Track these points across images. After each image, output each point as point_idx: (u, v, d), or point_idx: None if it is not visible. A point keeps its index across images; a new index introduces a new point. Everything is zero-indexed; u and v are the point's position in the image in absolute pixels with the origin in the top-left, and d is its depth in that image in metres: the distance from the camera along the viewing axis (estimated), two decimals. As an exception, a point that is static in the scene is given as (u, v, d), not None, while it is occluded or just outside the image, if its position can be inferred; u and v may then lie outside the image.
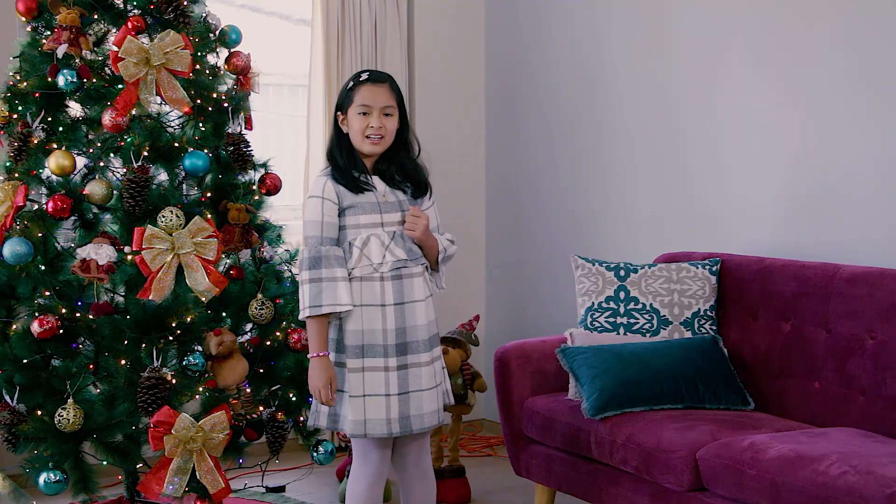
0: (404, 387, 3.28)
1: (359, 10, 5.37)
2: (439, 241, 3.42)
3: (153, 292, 3.63)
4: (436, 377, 3.37)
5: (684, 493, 3.46)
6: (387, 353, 3.28)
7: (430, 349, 3.35)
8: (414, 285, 3.33)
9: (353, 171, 3.33)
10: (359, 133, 3.31)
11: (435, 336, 3.40)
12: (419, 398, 3.30)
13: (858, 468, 3.02)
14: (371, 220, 3.30)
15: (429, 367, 3.33)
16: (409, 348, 3.30)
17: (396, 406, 3.27)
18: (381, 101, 3.31)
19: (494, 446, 5.44)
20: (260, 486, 4.60)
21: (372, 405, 3.27)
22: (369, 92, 3.31)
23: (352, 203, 3.30)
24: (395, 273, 3.30)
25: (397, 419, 3.27)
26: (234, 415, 3.76)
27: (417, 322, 3.31)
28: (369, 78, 3.34)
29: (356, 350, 3.28)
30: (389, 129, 3.33)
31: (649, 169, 4.87)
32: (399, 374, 3.28)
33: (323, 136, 5.30)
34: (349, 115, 3.33)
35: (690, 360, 3.85)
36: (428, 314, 3.36)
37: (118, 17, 3.88)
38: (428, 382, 3.32)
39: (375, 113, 3.30)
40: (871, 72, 3.96)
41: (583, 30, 5.19)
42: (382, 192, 3.35)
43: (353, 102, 3.32)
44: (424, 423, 3.31)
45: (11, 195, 3.78)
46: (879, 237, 3.93)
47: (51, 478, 3.61)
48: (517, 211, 5.62)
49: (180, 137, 3.90)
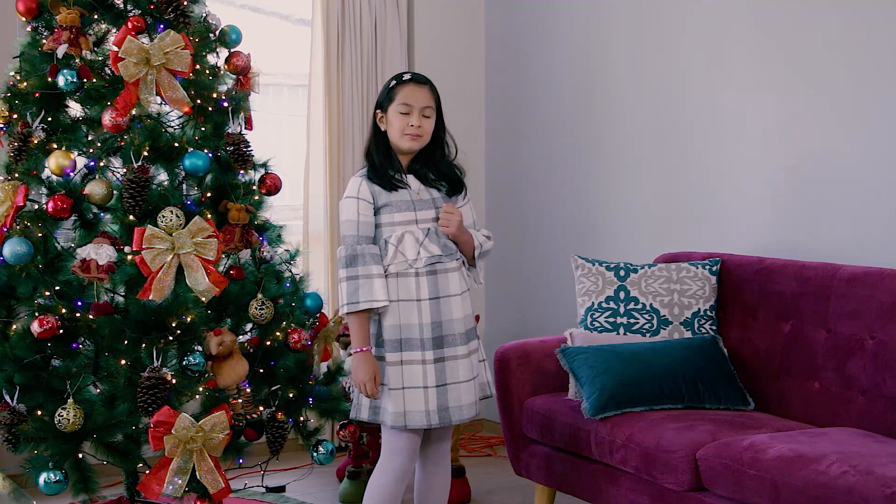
0: (442, 379, 3.37)
1: (359, 10, 5.37)
2: (475, 237, 3.49)
3: (153, 292, 3.63)
4: (473, 369, 3.45)
5: (684, 493, 3.46)
6: (423, 346, 3.36)
7: (468, 342, 3.43)
8: (449, 280, 3.41)
9: (388, 170, 3.41)
10: (398, 130, 3.39)
11: (472, 329, 3.48)
12: (457, 390, 3.39)
13: (858, 468, 3.02)
14: (405, 217, 3.39)
15: (466, 359, 3.41)
16: (445, 341, 3.38)
17: (435, 398, 3.36)
18: (422, 102, 3.40)
19: (494, 446, 5.44)
20: (260, 486, 4.60)
21: (411, 397, 3.36)
22: (411, 91, 3.41)
23: (386, 202, 3.39)
24: (429, 269, 3.38)
25: (436, 411, 3.36)
26: (234, 415, 3.75)
27: (454, 316, 3.40)
28: (412, 78, 3.44)
29: (394, 344, 3.37)
30: (427, 129, 3.42)
31: (649, 169, 4.87)
32: (436, 367, 3.36)
33: (323, 135, 5.31)
34: (389, 114, 3.41)
35: (690, 360, 3.85)
36: (464, 308, 3.44)
37: (118, 17, 3.88)
38: (465, 374, 3.40)
39: (416, 112, 3.39)
40: (872, 72, 3.96)
41: (583, 30, 5.19)
42: (416, 191, 3.43)
43: (393, 101, 3.40)
44: (463, 415, 3.41)
45: (11, 195, 3.78)
46: (879, 237, 3.93)
47: (51, 478, 3.61)
48: (517, 211, 5.62)
49: (180, 137, 3.90)
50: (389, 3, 5.46)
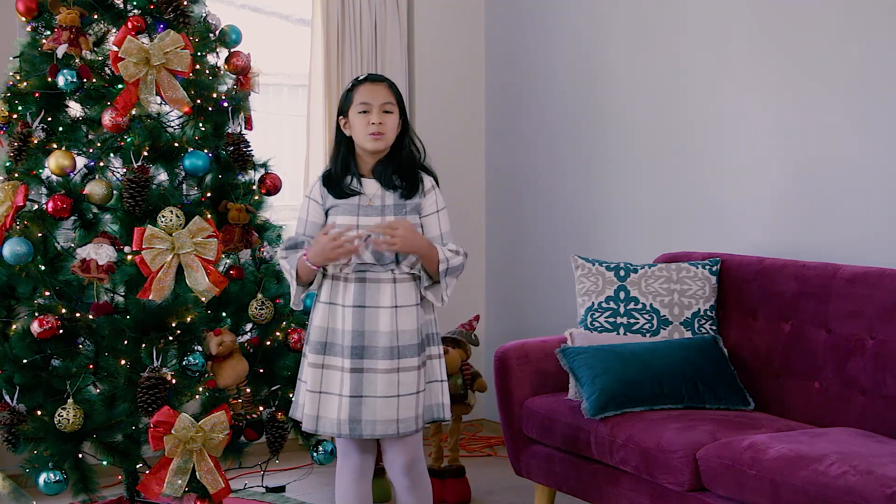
0: (357, 391, 3.26)
1: (359, 10, 5.37)
2: (440, 250, 3.33)
3: (153, 292, 3.63)
4: (399, 387, 3.26)
5: (684, 493, 3.46)
6: (343, 353, 3.29)
7: (392, 357, 3.27)
8: (380, 290, 3.29)
9: (342, 179, 3.37)
10: (361, 131, 3.33)
11: (410, 346, 3.29)
12: (372, 404, 3.26)
13: (858, 468, 3.02)
14: (347, 221, 3.32)
15: (387, 375, 3.26)
16: (365, 352, 3.27)
17: (347, 408, 3.27)
18: (380, 98, 3.34)
19: (494, 446, 5.44)
20: (260, 486, 4.60)
21: (326, 403, 3.30)
22: (368, 90, 3.36)
23: (334, 204, 3.37)
24: (358, 276, 3.30)
25: (347, 421, 3.27)
26: (234, 415, 3.76)
27: (379, 328, 3.27)
28: (367, 78, 3.40)
29: (318, 346, 3.32)
30: (389, 125, 3.34)
31: (649, 169, 4.87)
32: (353, 377, 3.27)
33: (323, 135, 5.31)
34: (350, 117, 3.36)
35: (690, 360, 3.85)
36: (400, 323, 3.29)
37: (118, 17, 3.88)
38: (384, 390, 3.26)
39: (375, 110, 3.33)
40: (872, 72, 3.96)
41: (583, 29, 5.19)
42: (370, 196, 3.35)
43: (353, 102, 3.36)
44: (376, 431, 3.27)
45: (11, 195, 3.78)
46: (879, 237, 3.93)
47: (51, 478, 3.61)
48: (517, 211, 5.62)
49: (180, 137, 3.90)
50: (389, 3, 5.46)
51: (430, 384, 3.39)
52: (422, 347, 3.34)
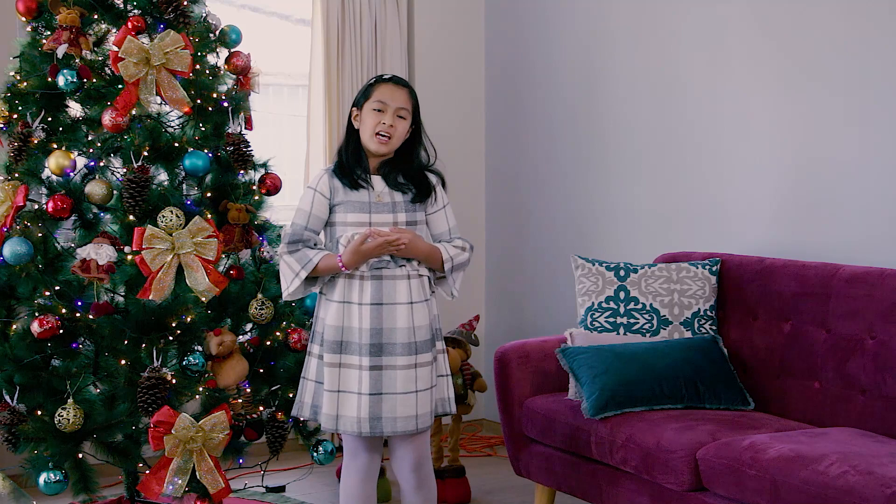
0: (377, 388, 3.27)
1: (359, 10, 5.37)
2: (443, 250, 3.39)
3: (153, 292, 3.63)
4: (416, 382, 3.30)
5: (684, 493, 3.46)
6: (361, 351, 3.28)
7: (410, 353, 3.30)
8: (396, 287, 3.32)
9: (355, 168, 3.36)
10: (370, 129, 3.34)
11: (425, 342, 3.33)
12: (392, 401, 3.27)
13: (858, 468, 3.02)
14: (358, 218, 3.33)
15: (406, 371, 3.29)
16: (384, 350, 3.28)
17: (367, 406, 3.27)
18: (398, 102, 3.35)
19: (494, 446, 5.44)
20: (260, 486, 4.60)
21: (345, 402, 3.30)
22: (389, 90, 3.36)
23: (343, 200, 3.34)
24: (375, 273, 3.31)
25: (367, 419, 3.27)
26: (234, 415, 3.76)
27: (397, 325, 3.29)
28: (391, 79, 3.40)
29: (334, 345, 3.31)
30: (399, 130, 3.36)
31: (649, 169, 4.87)
32: (372, 375, 3.27)
33: (323, 136, 5.31)
34: (364, 111, 3.37)
35: (690, 360, 3.85)
36: (415, 319, 3.32)
37: (118, 17, 3.88)
38: (403, 387, 3.28)
39: (390, 112, 3.34)
40: (872, 71, 3.96)
41: (583, 29, 5.19)
42: (379, 192, 3.36)
43: (370, 98, 3.37)
44: (397, 427, 3.29)
45: (11, 195, 3.78)
46: (879, 237, 3.93)
47: (51, 478, 3.61)
48: (517, 211, 5.62)
49: (180, 137, 3.90)
50: (389, 3, 5.46)
51: (438, 379, 3.43)
52: (433, 343, 3.38)
